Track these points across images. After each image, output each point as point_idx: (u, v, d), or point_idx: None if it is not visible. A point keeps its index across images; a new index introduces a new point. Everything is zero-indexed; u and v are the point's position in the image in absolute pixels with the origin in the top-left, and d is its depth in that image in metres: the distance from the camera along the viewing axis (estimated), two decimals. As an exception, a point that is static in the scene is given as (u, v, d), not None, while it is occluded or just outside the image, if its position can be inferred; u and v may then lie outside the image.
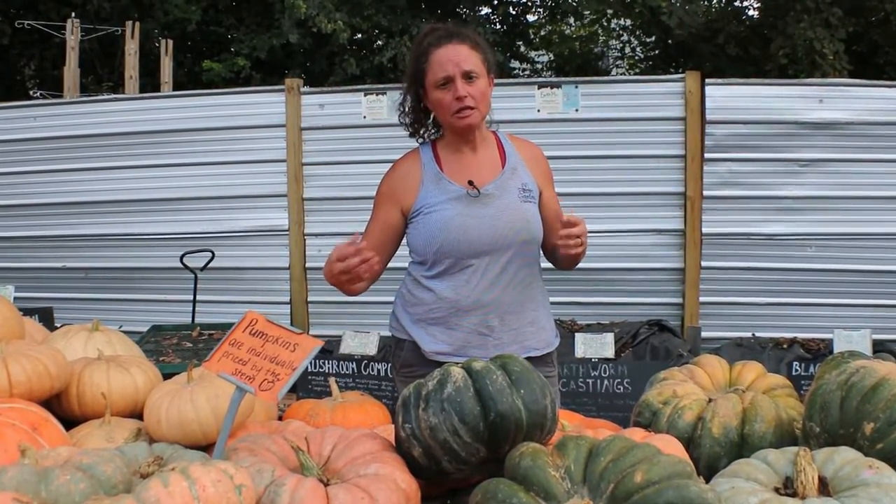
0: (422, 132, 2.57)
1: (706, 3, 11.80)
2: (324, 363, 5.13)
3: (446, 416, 1.57)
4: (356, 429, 1.76)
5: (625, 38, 14.78)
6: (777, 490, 1.48)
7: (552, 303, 2.66)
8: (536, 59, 15.01)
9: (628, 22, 13.67)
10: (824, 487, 1.46)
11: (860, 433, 1.61)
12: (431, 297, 2.48)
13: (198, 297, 5.55)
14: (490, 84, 2.49)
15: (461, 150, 2.51)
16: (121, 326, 4.12)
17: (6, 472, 1.39)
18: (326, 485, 1.51)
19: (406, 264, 2.58)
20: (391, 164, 2.58)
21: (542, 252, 2.59)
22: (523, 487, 1.43)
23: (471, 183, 2.44)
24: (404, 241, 2.56)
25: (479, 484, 1.52)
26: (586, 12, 12.91)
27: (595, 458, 1.45)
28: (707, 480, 1.54)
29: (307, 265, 6.11)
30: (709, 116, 5.63)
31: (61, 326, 2.78)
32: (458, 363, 1.70)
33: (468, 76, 2.39)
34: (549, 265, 2.64)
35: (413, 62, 2.48)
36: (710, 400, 1.92)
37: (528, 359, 1.99)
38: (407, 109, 2.55)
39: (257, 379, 1.70)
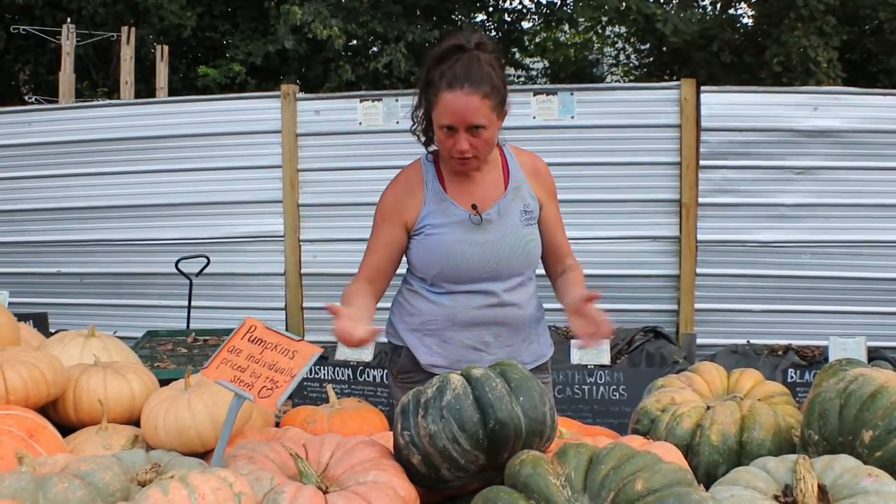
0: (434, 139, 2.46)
1: (701, 10, 11.83)
2: (319, 369, 5.13)
3: (445, 423, 1.57)
4: (354, 436, 1.76)
5: (619, 45, 14.80)
6: (776, 498, 1.48)
7: (547, 309, 2.66)
8: (531, 66, 15.03)
9: (623, 29, 13.69)
10: (824, 495, 1.46)
11: (859, 441, 1.62)
12: (428, 308, 2.46)
13: (193, 303, 5.54)
14: (501, 119, 2.39)
15: None
16: (115, 332, 4.10)
17: (4, 480, 1.38)
18: (325, 492, 1.51)
19: (403, 270, 2.57)
20: (390, 179, 2.51)
21: (541, 263, 2.58)
22: (524, 495, 1.43)
23: (474, 207, 2.40)
24: None
25: (477, 491, 1.51)
26: (581, 19, 12.91)
27: (596, 466, 1.45)
28: (706, 488, 1.54)
29: (302, 271, 6.10)
30: (704, 124, 5.64)
31: (56, 332, 2.77)
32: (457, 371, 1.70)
33: (474, 129, 2.29)
34: (543, 271, 2.63)
35: (423, 88, 2.35)
36: (708, 407, 1.92)
37: None
38: (419, 119, 2.43)
39: (256, 386, 1.70)
